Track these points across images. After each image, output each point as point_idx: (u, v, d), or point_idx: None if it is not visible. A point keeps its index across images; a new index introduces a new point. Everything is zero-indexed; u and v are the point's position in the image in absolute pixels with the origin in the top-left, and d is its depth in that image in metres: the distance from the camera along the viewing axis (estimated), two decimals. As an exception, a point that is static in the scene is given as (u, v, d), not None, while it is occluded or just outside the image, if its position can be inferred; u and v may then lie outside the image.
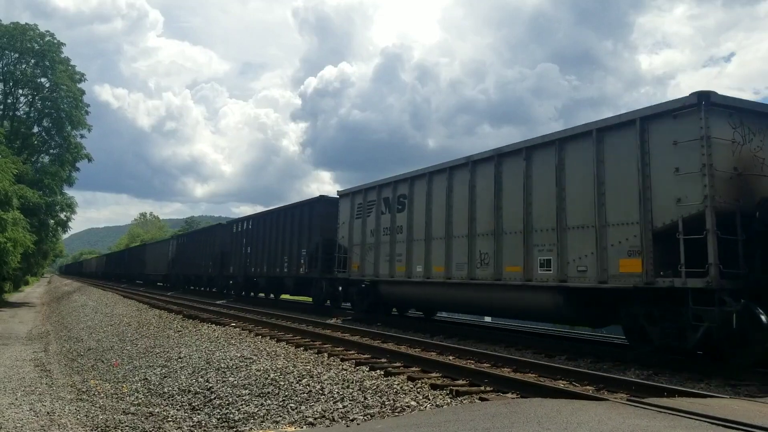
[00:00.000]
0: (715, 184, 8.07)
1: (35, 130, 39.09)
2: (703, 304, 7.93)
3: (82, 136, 39.14)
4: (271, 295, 26.20)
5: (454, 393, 7.07)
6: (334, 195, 19.36)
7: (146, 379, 9.93)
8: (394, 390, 7.37)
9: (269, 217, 24.80)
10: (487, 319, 18.07)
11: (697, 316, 8.00)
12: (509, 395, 6.92)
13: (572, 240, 10.12)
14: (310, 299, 21.53)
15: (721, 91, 8.63)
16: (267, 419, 6.93)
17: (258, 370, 9.09)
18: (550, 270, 10.44)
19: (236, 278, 28.08)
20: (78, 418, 7.80)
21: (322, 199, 20.50)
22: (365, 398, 7.10)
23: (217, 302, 24.81)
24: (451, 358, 9.68)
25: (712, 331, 7.89)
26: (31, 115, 38.70)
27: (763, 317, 7.59)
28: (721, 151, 8.24)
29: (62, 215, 38.82)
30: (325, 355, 10.17)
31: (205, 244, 34.07)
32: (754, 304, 7.67)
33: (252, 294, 27.97)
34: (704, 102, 8.24)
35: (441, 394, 7.10)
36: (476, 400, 6.78)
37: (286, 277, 22.24)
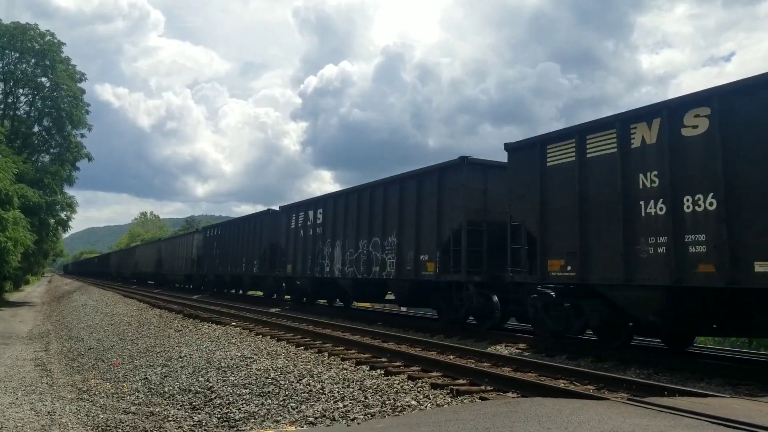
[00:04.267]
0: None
1: (35, 129, 39.16)
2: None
3: (82, 136, 39.26)
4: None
5: (454, 392, 7.06)
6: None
7: (147, 378, 9.94)
8: (395, 389, 7.37)
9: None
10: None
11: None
12: (510, 394, 6.91)
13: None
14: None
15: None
16: (267, 419, 6.93)
17: (258, 370, 9.09)
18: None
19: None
20: (78, 418, 7.81)
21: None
22: (366, 397, 7.10)
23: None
24: (451, 357, 9.67)
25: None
26: (32, 114, 38.77)
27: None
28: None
29: (62, 215, 38.92)
30: (326, 354, 10.17)
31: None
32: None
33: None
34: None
35: (441, 394, 7.10)
36: (477, 400, 6.77)
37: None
